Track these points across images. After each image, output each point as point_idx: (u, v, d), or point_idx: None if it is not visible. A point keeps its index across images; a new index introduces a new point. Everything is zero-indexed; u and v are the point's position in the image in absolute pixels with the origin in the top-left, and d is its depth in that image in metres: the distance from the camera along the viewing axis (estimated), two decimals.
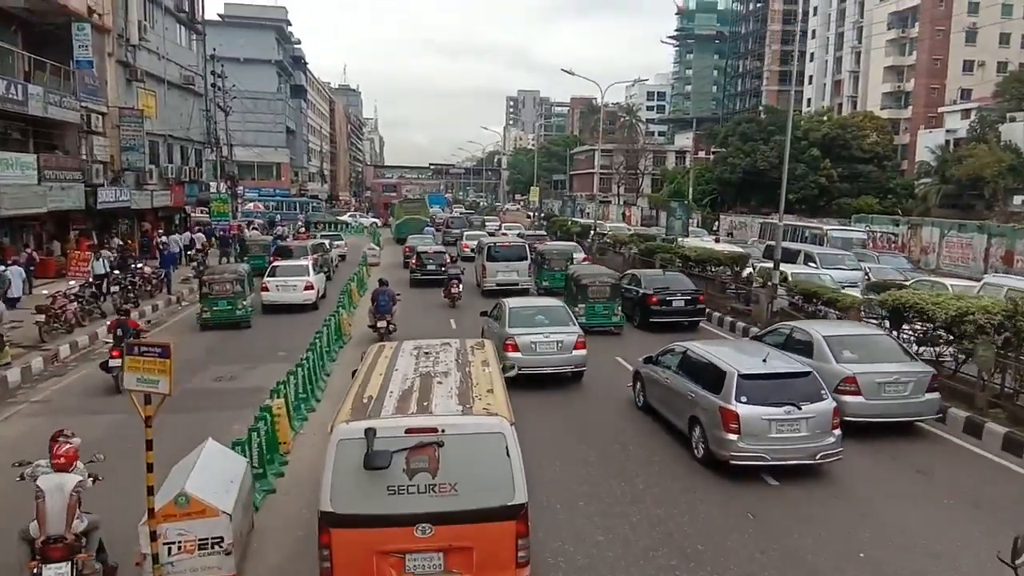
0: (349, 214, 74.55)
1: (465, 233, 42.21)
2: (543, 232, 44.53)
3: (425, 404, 6.70)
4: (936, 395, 11.95)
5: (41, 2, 24.31)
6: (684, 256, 25.50)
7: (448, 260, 28.10)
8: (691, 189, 65.01)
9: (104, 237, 30.54)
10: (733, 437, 9.81)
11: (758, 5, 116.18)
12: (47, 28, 25.46)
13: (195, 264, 30.34)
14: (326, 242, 35.27)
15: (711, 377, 10.57)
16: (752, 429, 9.79)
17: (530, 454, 7.69)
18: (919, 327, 13.94)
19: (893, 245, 38.01)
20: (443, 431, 6.15)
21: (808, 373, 10.51)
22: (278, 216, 62.29)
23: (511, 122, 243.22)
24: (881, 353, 12.34)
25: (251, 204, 63.78)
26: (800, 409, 9.87)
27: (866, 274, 25.26)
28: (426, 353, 8.55)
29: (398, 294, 19.54)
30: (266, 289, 22.82)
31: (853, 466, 10.50)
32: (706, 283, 23.10)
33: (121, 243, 30.05)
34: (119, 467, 8.31)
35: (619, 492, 9.78)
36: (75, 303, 19.28)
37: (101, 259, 20.92)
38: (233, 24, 75.49)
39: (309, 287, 23.09)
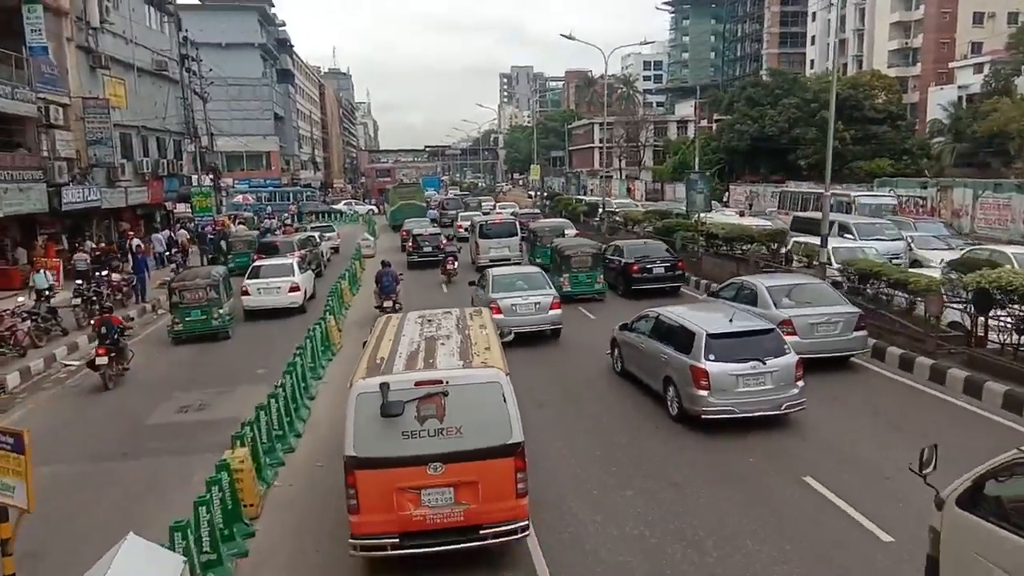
0: (344, 202, 71.77)
1: (460, 214, 43.32)
2: (536, 211, 44.47)
3: (431, 361, 7.69)
4: (863, 332, 13.50)
5: None
6: (710, 234, 23.14)
7: (443, 241, 29.13)
8: (697, 159, 62.36)
9: (76, 240, 28.21)
10: (704, 393, 10.52)
11: None
12: None
13: (174, 266, 28.03)
14: (316, 235, 33.03)
15: (682, 338, 11.28)
16: (721, 384, 10.50)
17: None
18: (1018, 310, 11.59)
19: (922, 209, 35.52)
20: (447, 382, 7.09)
21: (771, 330, 11.24)
22: (268, 208, 59.91)
23: (505, 99, 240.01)
24: (816, 298, 13.86)
25: (239, 196, 61.33)
26: (765, 364, 10.56)
27: (908, 244, 22.91)
28: (429, 320, 9.53)
29: (400, 274, 20.56)
30: (246, 293, 20.51)
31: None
32: (738, 264, 20.73)
33: (94, 246, 27.67)
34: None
35: (599, 451, 10.37)
36: (28, 321, 17.02)
37: (42, 272, 18.56)
38: (213, 7, 72.50)
39: (294, 288, 20.77)
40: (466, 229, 34.93)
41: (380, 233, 44.15)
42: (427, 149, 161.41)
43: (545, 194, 55.18)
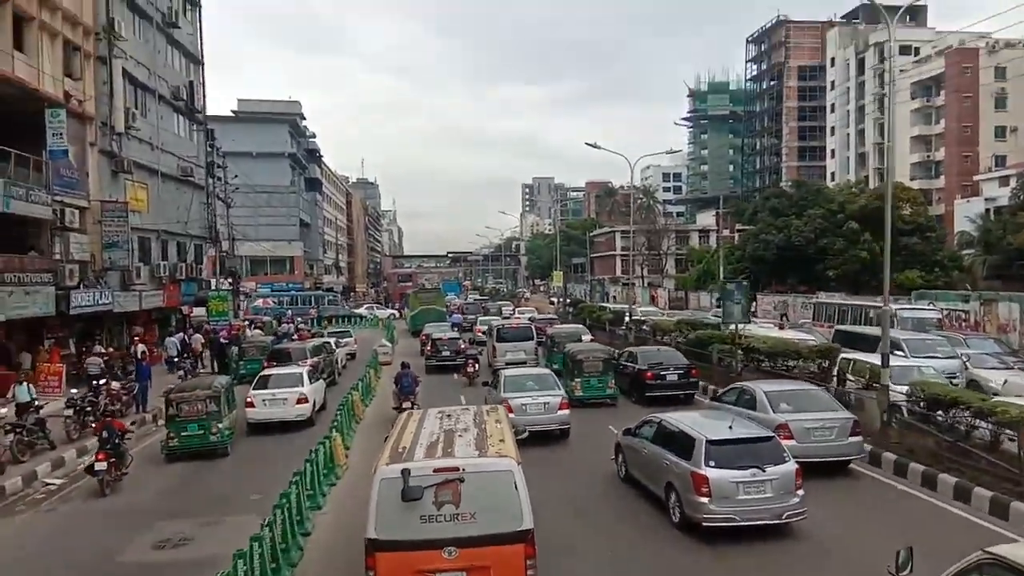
0: (366, 306, 71.37)
1: (479, 319, 44.08)
2: (554, 316, 44.25)
3: (449, 451, 8.24)
4: (859, 438, 13.77)
5: (7, 87, 21.79)
6: (750, 348, 21.65)
7: (461, 346, 29.48)
8: (722, 268, 61.52)
9: (83, 345, 27.26)
10: (704, 500, 10.44)
11: (772, 83, 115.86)
12: (17, 116, 22.87)
13: (182, 373, 26.85)
14: (331, 341, 31.98)
15: (682, 444, 11.29)
16: (722, 491, 10.42)
17: None
18: None
19: (965, 324, 33.82)
20: (464, 469, 7.69)
21: (771, 438, 11.30)
22: (288, 312, 59.41)
23: (527, 208, 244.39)
24: (812, 404, 14.20)
25: (260, 300, 61.03)
26: (764, 471, 10.52)
27: (964, 363, 21.23)
28: (448, 416, 10.04)
29: (419, 377, 21.27)
30: (251, 404, 19.16)
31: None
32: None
33: (103, 350, 26.68)
34: None
35: (600, 558, 10.25)
36: (11, 435, 15.71)
37: (24, 384, 17.38)
38: (247, 119, 74.92)
39: (302, 400, 19.39)
40: (484, 332, 35.56)
41: (400, 338, 43.22)
42: (449, 255, 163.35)
43: (568, 301, 54.13)
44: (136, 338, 30.16)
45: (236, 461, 16.77)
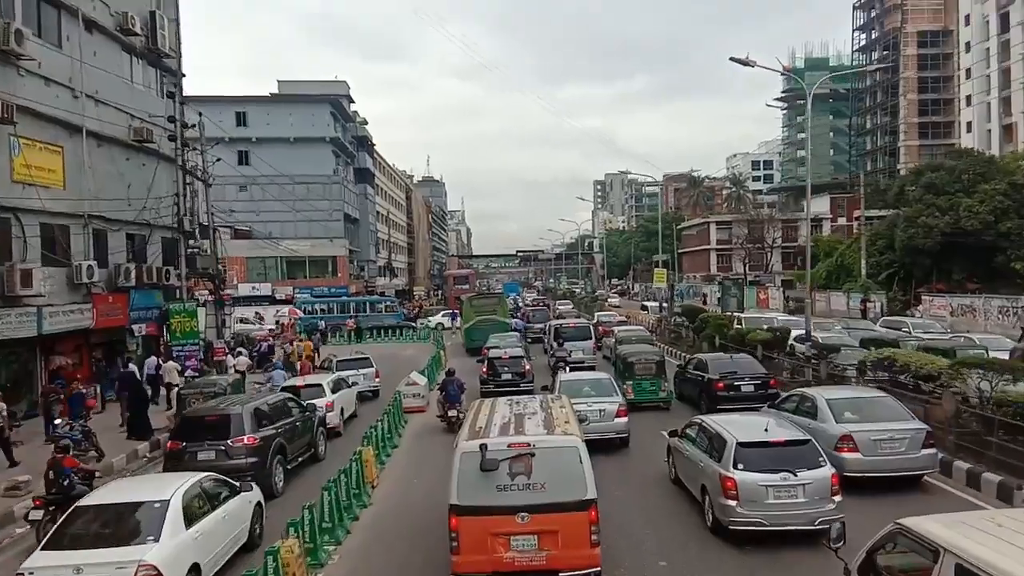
0: (443, 313, 57.98)
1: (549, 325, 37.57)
2: (643, 331, 34.02)
3: (520, 430, 9.22)
4: (932, 450, 12.62)
5: None
6: None
7: (527, 367, 23.93)
8: (864, 262, 48.06)
9: None
10: (732, 503, 10.26)
11: (884, 53, 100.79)
12: None
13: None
14: (344, 376, 21.30)
15: (716, 446, 11.13)
16: (750, 495, 10.18)
17: None
18: None
19: None
20: (534, 445, 8.57)
21: (807, 441, 10.81)
22: (322, 323, 49.08)
23: (599, 205, 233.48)
24: (879, 413, 13.08)
25: (287, 309, 50.77)
26: (796, 476, 10.16)
27: None
28: (518, 403, 11.02)
29: (464, 384, 19.87)
30: None
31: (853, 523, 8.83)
32: None
33: None
34: None
35: (634, 559, 10.05)
36: None
37: None
38: (283, 100, 65.39)
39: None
40: (540, 330, 35.99)
41: (452, 356, 32.79)
42: (519, 254, 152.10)
43: (678, 308, 40.13)
44: (57, 373, 19.96)
45: None
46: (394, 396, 20.66)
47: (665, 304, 40.38)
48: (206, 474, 10.31)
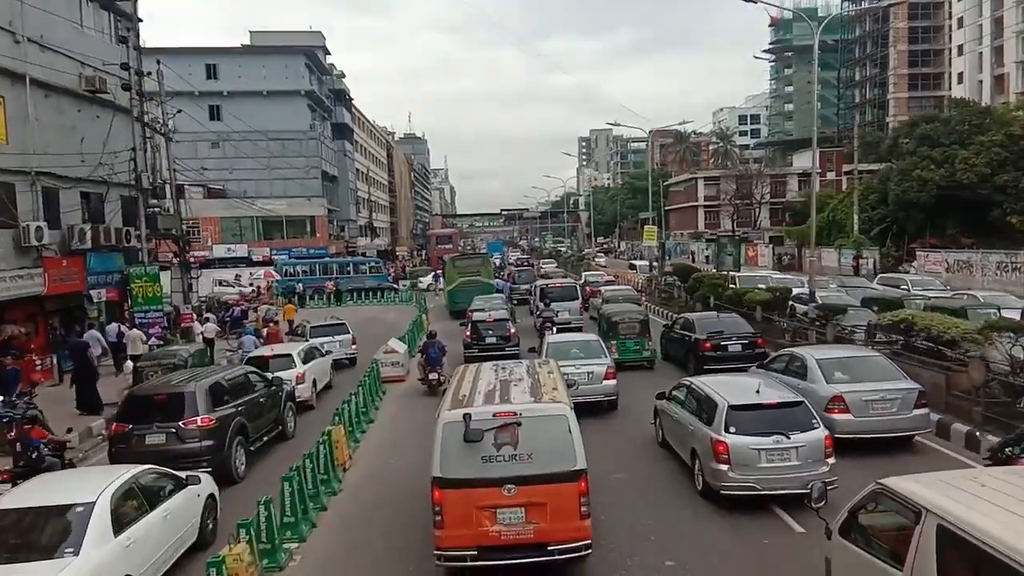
0: (433, 275, 54.22)
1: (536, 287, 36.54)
2: (630, 291, 32.61)
3: (506, 397, 8.76)
4: (925, 410, 12.31)
5: None
6: None
7: (512, 330, 23.10)
8: (856, 217, 46.92)
9: None
10: (724, 467, 10.01)
11: (876, 2, 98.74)
12: None
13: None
14: (319, 343, 20.01)
15: (706, 409, 10.86)
16: (741, 459, 9.94)
17: None
18: None
19: None
20: (520, 414, 8.13)
21: (799, 403, 10.55)
22: (299, 286, 47.48)
23: (583, 163, 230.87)
24: (871, 373, 12.75)
25: (263, 273, 49.10)
26: (789, 439, 9.93)
27: None
28: (503, 368, 10.46)
29: (446, 345, 19.41)
30: None
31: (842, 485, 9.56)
32: None
33: None
34: None
35: (623, 528, 9.75)
36: None
37: None
38: (255, 52, 62.62)
39: None
40: (526, 291, 34.98)
41: (436, 320, 32.10)
42: (503, 213, 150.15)
43: (668, 268, 38.37)
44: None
45: None
46: (371, 365, 19.31)
47: (655, 263, 38.75)
48: (145, 467, 8.96)
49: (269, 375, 15.17)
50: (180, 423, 11.48)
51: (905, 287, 29.03)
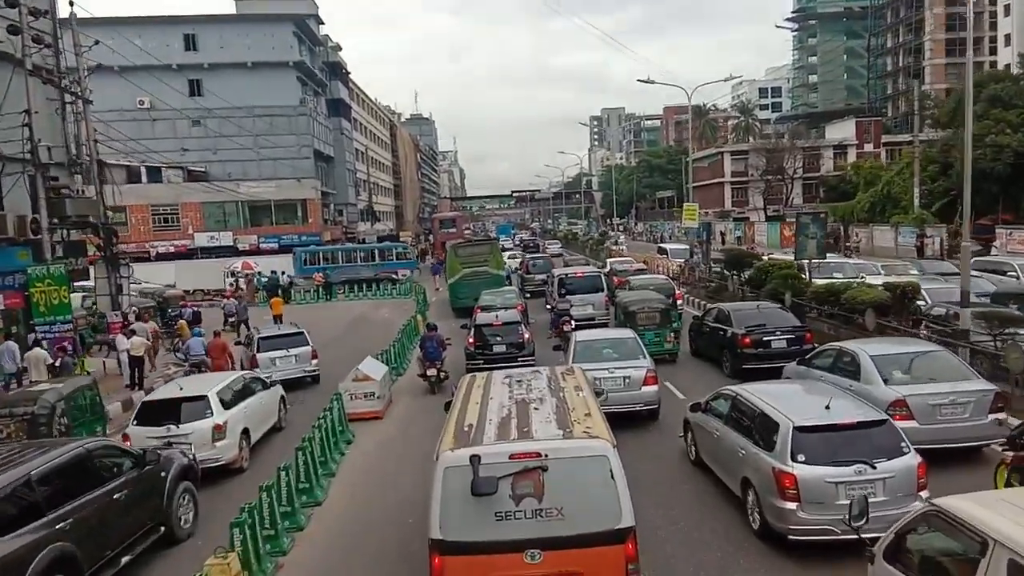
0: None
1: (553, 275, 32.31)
2: (666, 285, 26.25)
3: (525, 430, 6.75)
4: (1001, 415, 10.84)
5: None
6: None
7: (525, 335, 19.04)
8: (916, 191, 41.04)
9: None
10: (792, 506, 8.13)
11: None
12: None
13: None
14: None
15: (763, 430, 8.96)
16: (814, 496, 8.08)
17: None
18: None
19: None
20: (546, 455, 6.19)
21: (883, 422, 8.73)
22: (284, 278, 42.15)
23: (595, 143, 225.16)
24: (936, 371, 11.28)
25: (239, 264, 43.77)
26: (875, 468, 8.07)
27: None
28: (518, 381, 8.59)
29: (448, 339, 18.44)
30: None
31: None
32: None
33: None
34: None
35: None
36: None
37: None
38: (239, 20, 57.03)
39: None
40: (542, 282, 31.90)
41: (435, 317, 26.90)
42: (514, 194, 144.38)
43: (718, 253, 31.24)
44: None
45: None
46: (331, 399, 13.88)
47: (696, 247, 32.66)
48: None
49: (156, 438, 9.76)
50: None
51: (1013, 273, 23.52)
